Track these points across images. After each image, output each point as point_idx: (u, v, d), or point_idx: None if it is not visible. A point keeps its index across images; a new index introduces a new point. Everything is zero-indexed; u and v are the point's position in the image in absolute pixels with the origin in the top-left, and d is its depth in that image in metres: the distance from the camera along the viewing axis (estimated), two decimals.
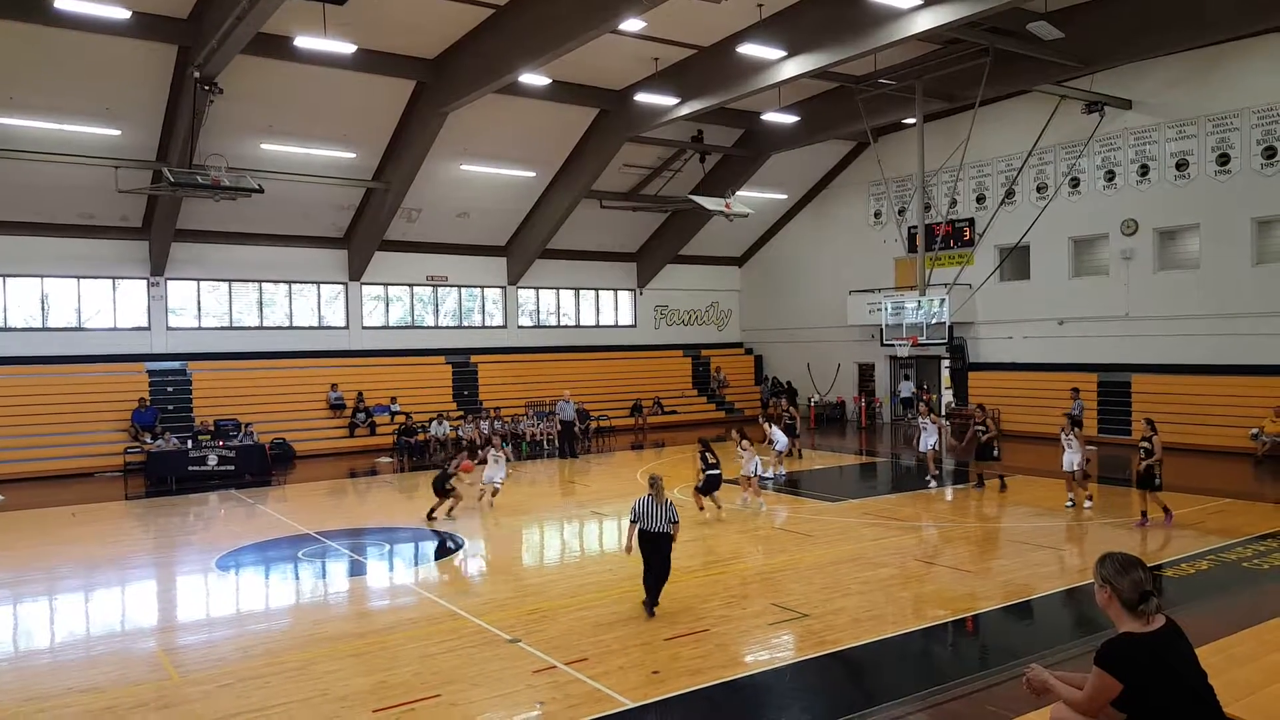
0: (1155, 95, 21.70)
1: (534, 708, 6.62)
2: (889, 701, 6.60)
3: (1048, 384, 23.58)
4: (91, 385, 22.00)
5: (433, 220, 26.06)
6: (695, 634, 8.16)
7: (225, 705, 6.77)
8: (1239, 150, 20.35)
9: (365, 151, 22.67)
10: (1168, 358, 21.46)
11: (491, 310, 29.22)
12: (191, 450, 19.46)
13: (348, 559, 11.94)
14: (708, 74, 20.15)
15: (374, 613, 9.50)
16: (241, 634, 8.72)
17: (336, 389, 24.57)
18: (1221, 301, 20.54)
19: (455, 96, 19.63)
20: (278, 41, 17.55)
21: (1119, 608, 3.77)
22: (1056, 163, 23.93)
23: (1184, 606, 8.43)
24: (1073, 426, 13.95)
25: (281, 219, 23.90)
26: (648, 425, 27.92)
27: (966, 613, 8.86)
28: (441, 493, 14.09)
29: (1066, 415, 14.52)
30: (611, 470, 19.99)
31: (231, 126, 20.13)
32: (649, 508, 8.93)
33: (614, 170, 25.78)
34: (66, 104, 18.58)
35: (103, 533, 14.00)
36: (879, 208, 28.71)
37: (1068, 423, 14.02)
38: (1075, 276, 23.79)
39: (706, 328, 33.57)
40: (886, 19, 15.97)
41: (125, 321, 23.35)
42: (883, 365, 28.81)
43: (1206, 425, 20.00)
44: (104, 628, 9.48)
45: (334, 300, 26.39)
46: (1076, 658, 6.96)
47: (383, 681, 7.17)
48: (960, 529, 12.98)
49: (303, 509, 15.74)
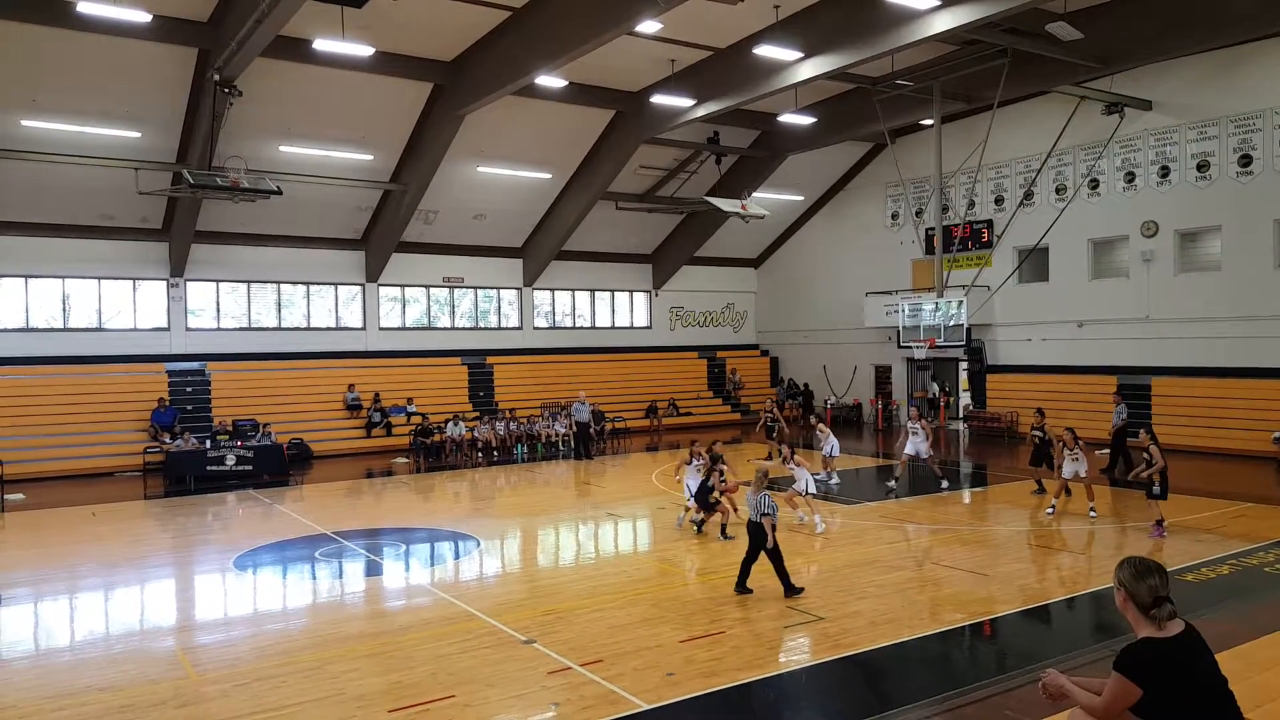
0: (1176, 96, 21.48)
1: (548, 709, 6.63)
2: (905, 705, 6.57)
3: (1067, 386, 23.40)
4: (111, 385, 22.23)
5: (449, 222, 26.17)
6: (711, 636, 8.15)
7: (242, 704, 6.82)
8: (1261, 151, 20.11)
9: (383, 153, 22.80)
10: (1189, 360, 21.23)
11: (507, 311, 29.31)
12: (210, 450, 19.62)
13: (364, 559, 12.00)
14: (724, 75, 20.12)
15: (390, 613, 9.55)
16: (258, 633, 8.79)
17: (353, 389, 24.72)
18: (1243, 304, 20.29)
19: (472, 98, 19.71)
20: (296, 44, 17.69)
21: (1136, 612, 3.75)
22: (1076, 164, 23.74)
23: (1204, 611, 8.33)
24: (1075, 440, 13.55)
25: (299, 221, 24.08)
26: (662, 427, 27.90)
27: (983, 616, 8.79)
28: (706, 506, 12.86)
29: (1068, 429, 13.88)
30: (626, 472, 20.00)
31: (250, 129, 20.31)
32: (750, 498, 9.55)
33: (630, 172, 25.79)
34: (88, 106, 18.80)
35: (122, 532, 14.14)
36: (896, 209, 28.57)
37: (1070, 436, 13.62)
38: (1095, 278, 23.59)
39: (722, 329, 33.52)
40: (904, 20, 15.89)
41: (145, 322, 23.59)
42: (900, 367, 28.66)
43: (1228, 429, 19.77)
44: (123, 626, 9.56)
45: (351, 301, 26.55)
46: (1095, 663, 6.90)
47: (398, 682, 7.20)
48: (977, 533, 12.88)
49: (319, 509, 15.84)
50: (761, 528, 9.30)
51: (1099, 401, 22.58)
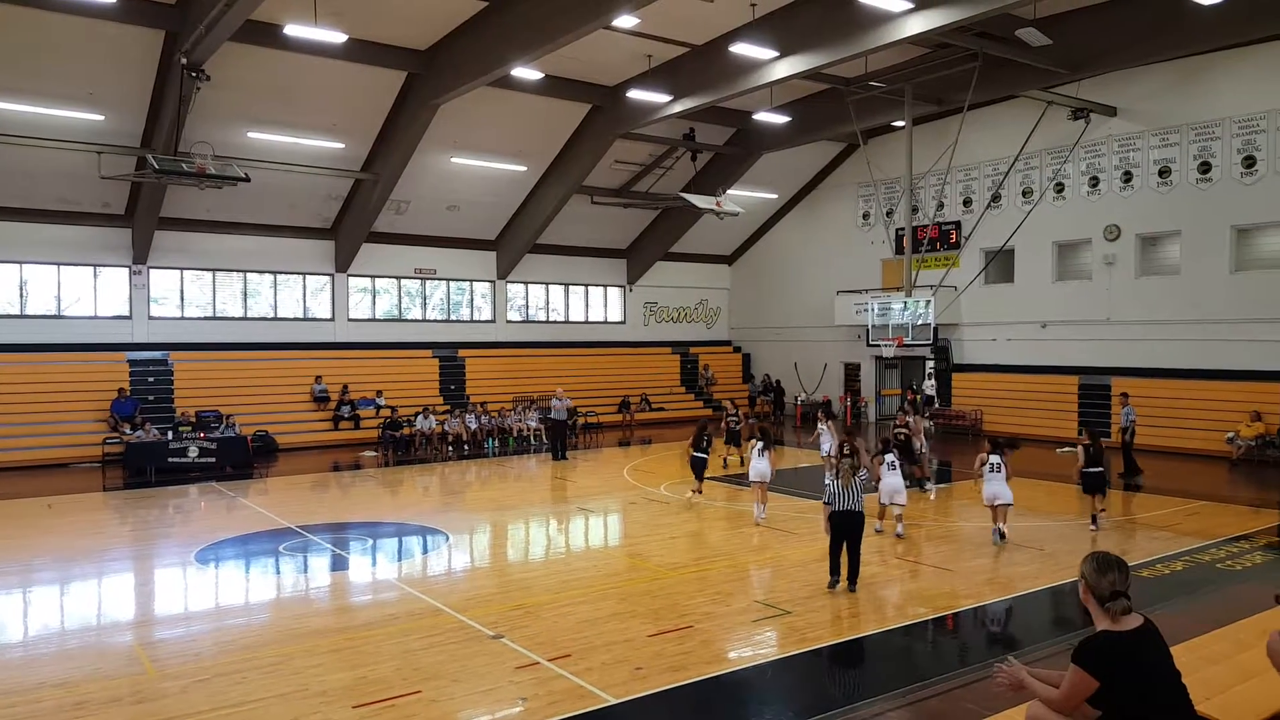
0: (1140, 103, 21.89)
1: (516, 704, 6.61)
2: (870, 698, 6.64)
3: (1030, 386, 23.82)
4: (70, 374, 21.75)
5: (422, 213, 25.95)
6: (679, 630, 8.18)
7: (202, 700, 6.71)
8: (1220, 159, 20.57)
9: (354, 142, 22.53)
10: (1148, 362, 21.68)
11: (480, 304, 29.13)
12: (172, 442, 19.28)
13: (330, 553, 11.88)
14: (700, 72, 20.16)
15: (355, 608, 9.47)
16: (220, 629, 8.66)
17: (321, 381, 24.43)
18: (1201, 307, 20.76)
19: (447, 89, 19.54)
20: (267, 29, 17.41)
21: (1095, 605, 3.84)
22: (1042, 168, 24.10)
23: (1159, 606, 8.53)
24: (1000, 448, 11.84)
25: (268, 208, 23.72)
26: (635, 422, 27.93)
27: (947, 610, 8.92)
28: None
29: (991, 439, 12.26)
30: (598, 466, 19.99)
31: (218, 114, 19.95)
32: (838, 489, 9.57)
33: (605, 166, 25.75)
34: (50, 88, 18.35)
35: (79, 524, 13.85)
36: (868, 209, 28.82)
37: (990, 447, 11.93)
38: (1058, 280, 23.99)
39: (695, 325, 33.62)
40: (878, 22, 16.02)
41: (106, 310, 23.12)
42: (869, 365, 28.95)
43: (1185, 429, 20.23)
44: (79, 621, 9.37)
45: (320, 292, 26.23)
46: (1054, 655, 7.03)
47: (363, 677, 7.13)
48: (942, 528, 13.07)
49: (285, 502, 15.64)
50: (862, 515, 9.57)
51: (1062, 401, 23.03)
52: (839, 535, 9.44)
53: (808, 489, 15.65)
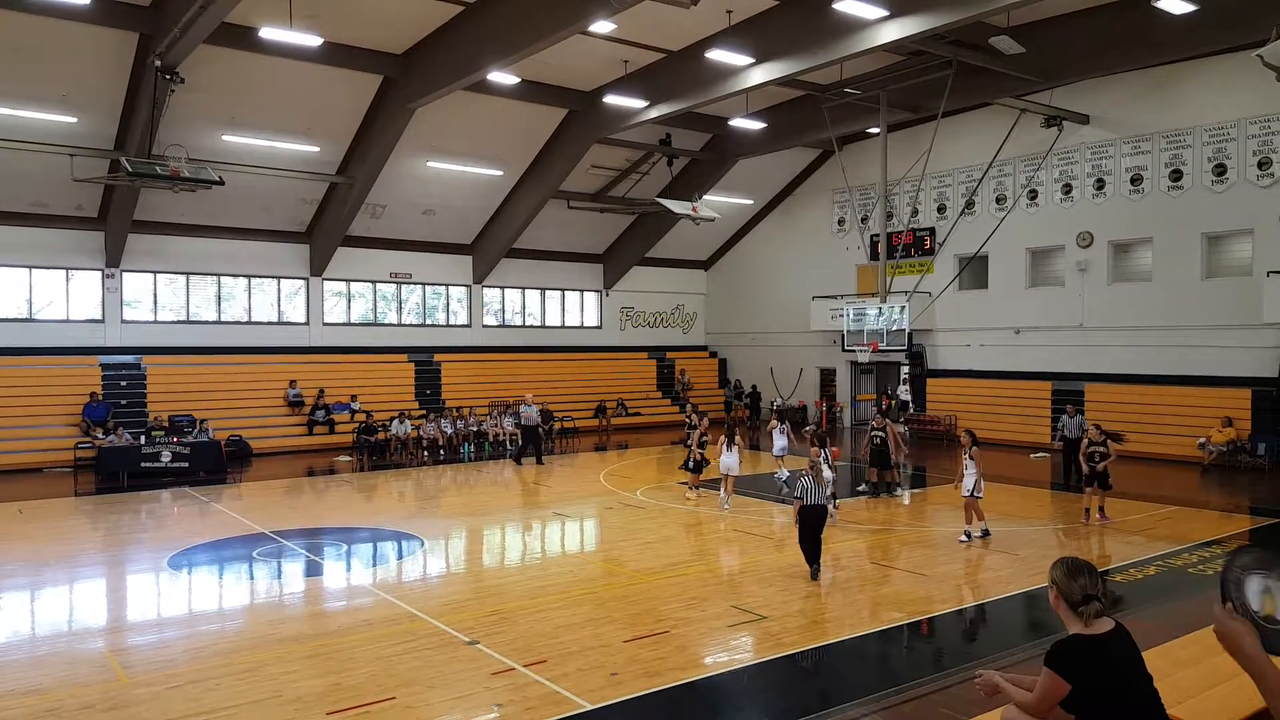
0: (1112, 111, 22.23)
1: (491, 710, 6.58)
2: (845, 703, 6.68)
3: (1004, 391, 24.07)
4: (42, 378, 21.42)
5: (397, 217, 25.81)
6: (654, 636, 8.18)
7: (175, 707, 6.63)
8: (1191, 166, 20.93)
9: (329, 145, 22.38)
10: (1120, 368, 21.98)
11: (456, 309, 29.00)
12: (144, 446, 19.01)
13: (304, 559, 11.77)
14: (677, 78, 20.23)
15: (329, 614, 9.38)
16: (193, 635, 8.55)
17: (295, 386, 24.20)
18: (1172, 314, 21.08)
19: (423, 92, 19.47)
20: (242, 32, 17.27)
21: (1066, 609, 3.89)
22: (1016, 175, 24.41)
23: (1131, 610, 8.64)
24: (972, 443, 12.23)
25: (242, 212, 23.50)
26: (611, 427, 27.91)
27: (921, 615, 9.00)
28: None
29: (966, 432, 12.60)
30: (574, 472, 19.95)
31: (192, 117, 19.75)
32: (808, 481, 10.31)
33: (582, 171, 25.75)
34: (22, 89, 18.09)
35: (50, 530, 13.63)
36: (843, 215, 29.03)
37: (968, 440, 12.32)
38: (1032, 286, 24.29)
39: (672, 330, 33.67)
40: (853, 29, 16.16)
41: (78, 314, 22.78)
42: (844, 370, 29.13)
43: (1157, 434, 20.51)
44: (50, 627, 9.22)
45: (294, 296, 26.00)
46: (1027, 660, 7.10)
47: (337, 684, 7.08)
48: (917, 533, 13.17)
49: (258, 508, 15.47)
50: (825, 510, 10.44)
51: (1035, 406, 23.29)
52: (808, 527, 10.16)
53: (785, 494, 15.74)
